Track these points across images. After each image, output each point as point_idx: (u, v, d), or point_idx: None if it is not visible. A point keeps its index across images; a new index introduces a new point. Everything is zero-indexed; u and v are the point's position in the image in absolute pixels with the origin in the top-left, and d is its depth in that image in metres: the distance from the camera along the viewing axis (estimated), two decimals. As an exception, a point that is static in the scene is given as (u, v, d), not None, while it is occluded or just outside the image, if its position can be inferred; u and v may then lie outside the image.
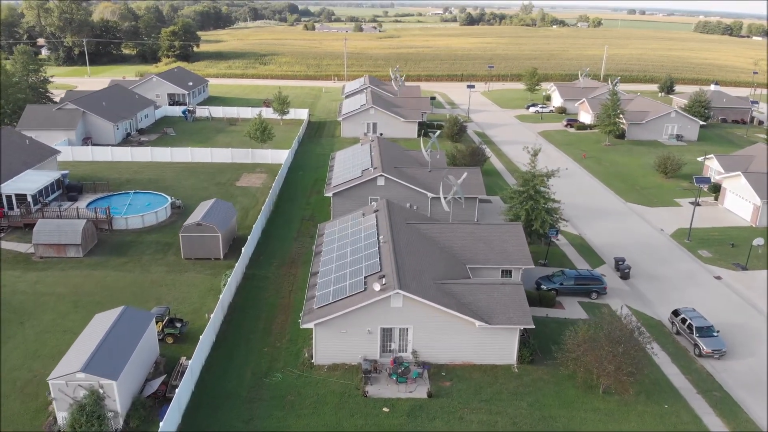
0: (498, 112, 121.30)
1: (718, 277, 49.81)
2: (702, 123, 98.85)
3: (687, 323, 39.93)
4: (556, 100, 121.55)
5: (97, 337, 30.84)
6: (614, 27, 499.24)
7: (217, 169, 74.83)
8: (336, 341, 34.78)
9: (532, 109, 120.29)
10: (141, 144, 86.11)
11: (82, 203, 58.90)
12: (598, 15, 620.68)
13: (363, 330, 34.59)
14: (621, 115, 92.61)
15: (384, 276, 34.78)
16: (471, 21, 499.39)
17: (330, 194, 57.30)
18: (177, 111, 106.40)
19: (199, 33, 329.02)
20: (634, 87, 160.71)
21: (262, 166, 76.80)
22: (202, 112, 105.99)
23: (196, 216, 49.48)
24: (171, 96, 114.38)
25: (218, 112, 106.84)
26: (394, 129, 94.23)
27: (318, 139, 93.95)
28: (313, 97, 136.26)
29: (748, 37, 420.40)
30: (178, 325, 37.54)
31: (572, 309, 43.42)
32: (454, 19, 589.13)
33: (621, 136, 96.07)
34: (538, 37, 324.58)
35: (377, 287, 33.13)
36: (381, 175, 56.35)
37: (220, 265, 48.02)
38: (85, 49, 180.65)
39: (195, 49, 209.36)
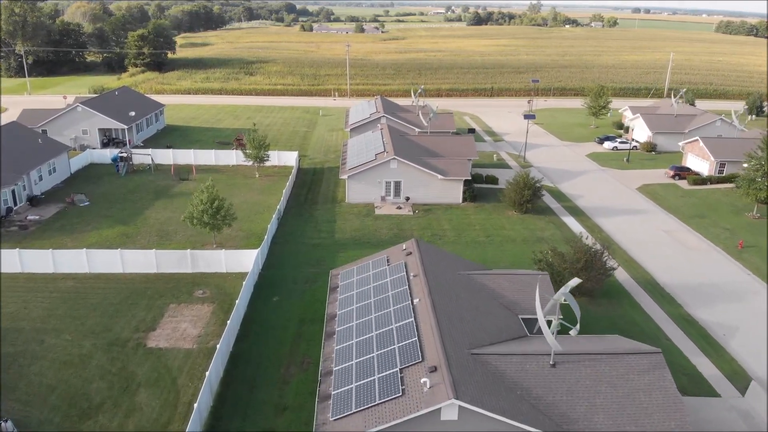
0: (559, 148, 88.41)
1: None
2: None
3: None
4: (641, 132, 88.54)
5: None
6: (631, 27, 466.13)
7: (129, 293, 41.92)
8: None
9: (607, 145, 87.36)
10: (23, 228, 53.17)
11: None
12: (603, 14, 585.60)
13: None
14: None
15: None
16: (478, 21, 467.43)
17: (330, 441, 24.46)
18: (108, 156, 73.49)
19: (186, 35, 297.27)
20: (706, 105, 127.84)
21: (210, 281, 43.87)
22: (144, 156, 72.95)
23: None
24: (104, 132, 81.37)
25: (167, 156, 73.91)
26: (427, 191, 61.44)
27: (311, 208, 60.83)
28: (307, 124, 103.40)
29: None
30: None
31: None
32: (459, 19, 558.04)
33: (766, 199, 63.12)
34: (556, 39, 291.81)
35: None
36: (453, 403, 23.39)
37: None
38: (24, 58, 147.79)
39: (170, 55, 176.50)
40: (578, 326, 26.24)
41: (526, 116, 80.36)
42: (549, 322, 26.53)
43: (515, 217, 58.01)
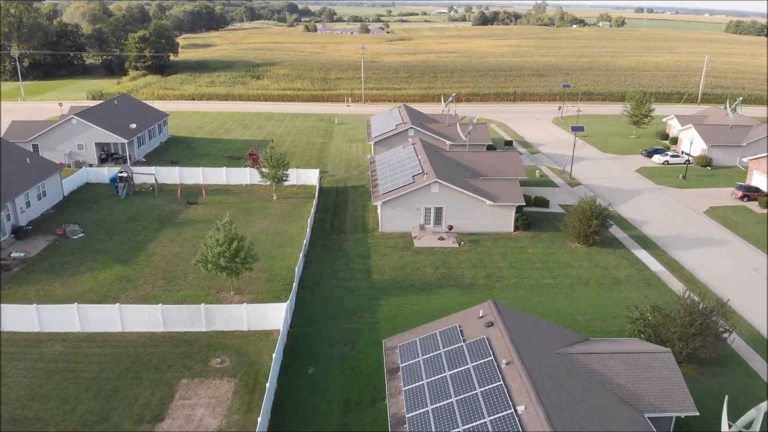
0: (603, 161, 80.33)
1: None
2: None
3: None
4: (697, 146, 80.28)
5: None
6: (638, 27, 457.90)
7: (130, 362, 33.92)
8: None
9: (656, 158, 79.31)
10: (6, 268, 45.18)
11: None
12: (606, 13, 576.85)
13: None
14: None
15: None
16: (484, 21, 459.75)
17: None
18: (106, 175, 65.50)
19: (188, 35, 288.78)
20: (742, 111, 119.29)
21: (228, 343, 35.81)
22: (146, 175, 64.90)
23: None
24: (102, 147, 73.36)
25: (172, 174, 65.85)
26: (473, 218, 53.39)
27: (339, 239, 52.72)
28: (323, 134, 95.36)
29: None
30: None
31: None
32: (463, 19, 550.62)
33: None
34: (566, 39, 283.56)
35: None
36: None
37: None
38: (18, 61, 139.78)
39: (172, 57, 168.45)
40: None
41: (574, 128, 72.10)
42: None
43: (580, 250, 49.93)
